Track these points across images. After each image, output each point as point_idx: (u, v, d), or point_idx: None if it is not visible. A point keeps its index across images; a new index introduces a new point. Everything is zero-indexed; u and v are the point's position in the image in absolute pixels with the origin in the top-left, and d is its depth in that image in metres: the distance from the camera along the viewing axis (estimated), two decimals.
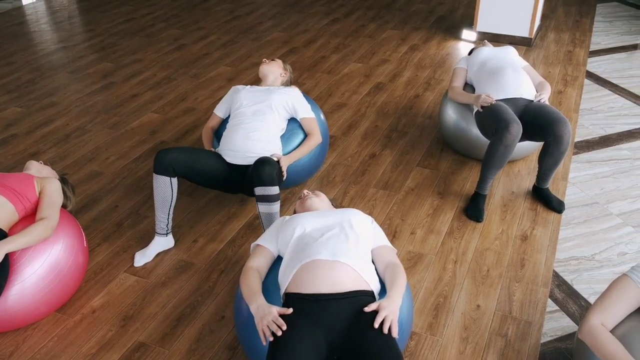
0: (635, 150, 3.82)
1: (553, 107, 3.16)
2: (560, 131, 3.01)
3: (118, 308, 2.65)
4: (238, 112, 3.16)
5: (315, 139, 3.20)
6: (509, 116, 3.04)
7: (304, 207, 2.43)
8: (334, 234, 2.12)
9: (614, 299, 1.94)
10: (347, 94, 4.64)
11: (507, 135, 2.99)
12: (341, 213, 2.25)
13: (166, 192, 2.82)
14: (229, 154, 3.02)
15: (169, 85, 4.83)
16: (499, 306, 2.65)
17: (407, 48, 5.55)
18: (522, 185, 3.48)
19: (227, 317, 2.60)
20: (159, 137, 4.04)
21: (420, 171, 3.63)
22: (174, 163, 2.79)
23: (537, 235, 3.08)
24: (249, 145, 3.00)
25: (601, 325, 1.91)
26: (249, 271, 2.14)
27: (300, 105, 3.22)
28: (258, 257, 2.21)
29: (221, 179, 2.97)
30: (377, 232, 2.27)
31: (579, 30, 5.99)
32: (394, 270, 2.09)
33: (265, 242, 2.26)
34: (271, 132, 3.08)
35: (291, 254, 2.11)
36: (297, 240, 2.15)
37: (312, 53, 5.46)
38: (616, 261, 2.90)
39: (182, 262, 2.92)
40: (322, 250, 2.04)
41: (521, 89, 3.29)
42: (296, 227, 2.19)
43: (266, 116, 3.09)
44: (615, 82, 4.81)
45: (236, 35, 5.95)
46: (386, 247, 2.22)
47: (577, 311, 2.62)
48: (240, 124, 3.07)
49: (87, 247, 2.69)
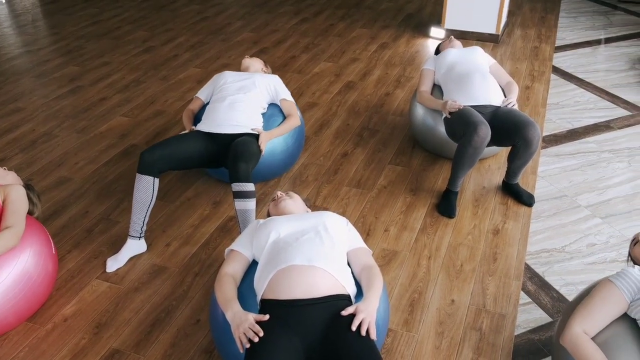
0: (602, 143, 3.89)
1: (521, 112, 3.19)
2: (529, 135, 3.04)
3: (91, 315, 2.61)
4: (222, 87, 3.27)
5: (294, 120, 3.30)
6: (477, 119, 3.06)
7: (277, 209, 2.40)
8: (309, 238, 2.10)
9: (597, 306, 1.88)
10: (318, 94, 4.64)
11: (475, 137, 3.01)
12: (316, 216, 2.22)
13: (147, 192, 2.83)
14: (212, 124, 3.10)
15: (137, 88, 4.77)
16: (473, 300, 2.68)
17: (377, 46, 5.57)
18: (492, 180, 3.52)
19: (203, 320, 2.58)
20: (129, 141, 3.99)
21: (393, 169, 3.65)
22: (159, 162, 2.84)
23: (509, 229, 3.12)
24: (232, 115, 3.10)
25: (583, 334, 1.87)
26: (223, 278, 2.11)
27: (281, 88, 3.36)
28: (232, 262, 2.18)
29: (205, 156, 3.03)
30: (352, 233, 2.26)
31: (545, 26, 6.08)
32: (370, 273, 2.08)
33: (239, 247, 2.22)
34: (254, 106, 3.20)
35: (266, 260, 2.08)
36: (272, 246, 2.12)
37: (282, 53, 5.45)
38: (586, 252, 2.95)
39: (155, 266, 2.89)
40: (297, 255, 2.02)
41: (489, 95, 3.31)
42: (271, 232, 2.16)
43: (250, 92, 3.22)
44: (580, 76, 4.90)
45: (205, 36, 5.91)
46: (362, 249, 2.21)
47: (549, 303, 2.66)
48: (225, 97, 3.19)
49: (56, 255, 2.64)
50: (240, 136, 3.07)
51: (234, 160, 2.83)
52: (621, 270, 1.93)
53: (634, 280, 1.87)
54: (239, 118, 3.10)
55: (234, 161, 2.83)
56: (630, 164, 3.66)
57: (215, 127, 3.08)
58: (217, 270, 2.86)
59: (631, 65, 5.09)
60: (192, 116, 3.36)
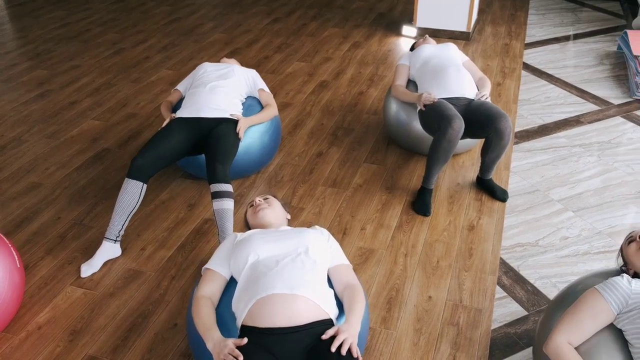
0: (572, 138, 3.96)
1: (493, 104, 3.23)
2: (501, 126, 3.08)
3: (65, 322, 2.57)
4: (202, 76, 3.35)
5: (272, 109, 3.38)
6: (451, 112, 3.09)
7: (256, 219, 2.32)
8: (289, 262, 2.01)
9: (583, 317, 1.83)
10: (292, 94, 4.63)
11: (450, 130, 3.04)
12: (296, 236, 2.13)
13: (134, 197, 2.85)
14: (193, 107, 3.15)
15: (108, 91, 4.71)
16: (449, 296, 2.70)
17: (350, 45, 5.59)
18: (467, 176, 3.56)
19: (180, 324, 2.56)
20: (101, 145, 3.94)
21: (368, 167, 3.66)
22: (150, 168, 2.88)
23: (483, 225, 3.15)
24: (213, 98, 3.17)
25: (567, 345, 1.84)
26: (200, 301, 2.02)
27: (259, 80, 3.45)
28: (209, 283, 2.09)
29: (189, 146, 3.08)
30: (334, 249, 2.19)
31: (515, 23, 6.16)
32: (352, 293, 2.03)
33: (215, 266, 2.14)
34: (233, 92, 3.28)
35: (245, 284, 2.00)
36: (251, 268, 2.04)
37: (254, 53, 5.43)
38: (559, 245, 3.00)
39: (130, 271, 2.86)
40: (278, 282, 1.93)
41: (463, 88, 3.36)
42: (249, 254, 2.07)
43: (230, 79, 3.31)
44: (550, 72, 4.98)
45: (176, 37, 5.86)
46: (343, 266, 2.15)
47: (525, 296, 2.70)
48: (205, 83, 3.27)
49: (22, 267, 2.54)
50: (220, 122, 3.10)
51: (212, 160, 2.89)
52: (609, 279, 1.87)
53: (622, 292, 1.82)
54: (219, 102, 3.16)
55: (212, 162, 2.88)
56: (600, 158, 3.72)
57: (195, 111, 3.14)
58: (194, 274, 2.83)
59: (599, 61, 5.18)
60: (171, 107, 3.39)
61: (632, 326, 1.77)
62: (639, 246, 1.96)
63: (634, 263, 1.97)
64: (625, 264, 2.05)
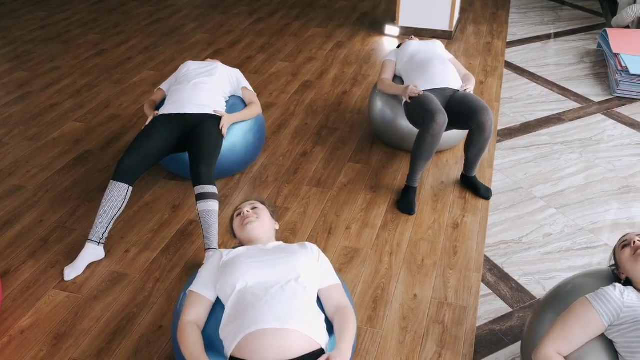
0: (554, 135, 3.99)
1: (476, 96, 3.27)
2: (482, 118, 3.11)
3: (49, 326, 2.54)
4: (185, 73, 3.35)
5: (256, 107, 3.38)
6: (435, 107, 3.12)
7: (243, 232, 2.22)
8: (279, 290, 1.91)
9: (574, 329, 1.81)
10: (276, 94, 4.63)
11: (434, 125, 3.07)
12: (287, 262, 2.02)
13: (119, 200, 2.83)
14: (176, 104, 3.14)
15: (90, 93, 4.67)
16: (435, 294, 2.71)
17: (333, 45, 5.59)
18: (450, 174, 3.58)
19: (165, 326, 2.54)
20: (83, 147, 3.90)
21: (352, 166, 3.66)
22: (137, 169, 2.87)
23: (468, 223, 3.17)
24: (196, 94, 3.16)
25: (557, 355, 1.82)
26: (187, 329, 1.94)
27: (242, 78, 3.46)
28: (195, 307, 2.00)
29: (173, 144, 3.07)
30: (324, 268, 2.10)
31: (496, 22, 6.20)
32: (343, 317, 1.96)
33: (201, 289, 2.03)
34: (217, 88, 3.28)
35: (234, 312, 1.90)
36: (239, 296, 1.93)
37: (237, 54, 5.41)
38: (542, 242, 3.02)
39: (114, 273, 2.84)
40: (268, 315, 1.83)
41: (448, 80, 3.40)
42: (237, 281, 1.95)
43: (213, 75, 3.30)
44: (532, 70, 5.02)
45: (158, 38, 5.82)
46: (334, 287, 2.07)
47: (509, 293, 2.72)
48: (189, 80, 3.27)
49: None
50: (204, 119, 3.10)
51: (196, 162, 2.88)
52: (601, 290, 1.84)
53: (614, 304, 1.79)
54: (203, 98, 3.16)
55: (196, 163, 2.88)
56: (581, 155, 3.76)
57: (179, 107, 3.13)
58: (179, 275, 2.82)
59: (580, 59, 5.23)
60: (154, 106, 3.38)
61: (623, 339, 1.75)
62: (633, 252, 1.91)
63: (627, 269, 1.93)
64: (617, 267, 2.01)
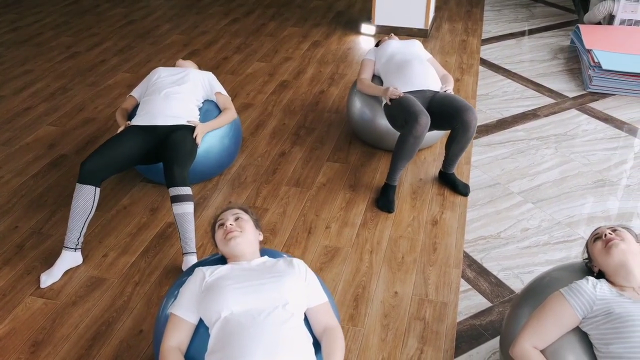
0: (530, 131, 4.04)
1: (458, 96, 3.28)
2: (467, 118, 3.13)
3: (26, 334, 2.50)
4: (156, 82, 3.24)
5: (231, 113, 3.31)
6: (417, 108, 3.13)
7: (227, 247, 2.10)
8: (267, 318, 1.83)
9: (548, 322, 1.84)
10: (253, 94, 4.61)
11: (417, 126, 3.07)
12: (274, 287, 1.92)
13: (87, 202, 2.77)
14: (147, 115, 3.06)
15: (64, 96, 4.61)
16: (415, 291, 2.72)
17: (309, 45, 5.59)
18: (429, 172, 3.59)
19: (146, 330, 2.52)
20: (58, 151, 3.85)
21: (331, 166, 3.67)
22: (102, 171, 2.80)
23: (446, 219, 3.19)
24: (168, 106, 3.08)
25: (533, 349, 1.85)
26: (169, 354, 1.87)
27: (215, 83, 3.36)
28: (176, 332, 1.92)
29: (144, 153, 3.00)
30: (311, 287, 2.02)
31: (471, 19, 6.26)
32: (331, 339, 1.91)
33: (182, 313, 1.94)
34: (189, 98, 3.19)
35: (220, 340, 1.82)
36: (224, 324, 1.84)
37: (213, 54, 5.38)
38: (520, 237, 3.06)
39: (93, 278, 2.80)
40: (256, 348, 1.74)
41: (427, 81, 3.40)
42: (222, 309, 1.86)
43: (185, 84, 3.21)
44: (507, 67, 5.07)
45: (133, 40, 5.76)
46: (322, 306, 2.00)
47: (488, 288, 2.74)
48: (159, 90, 3.17)
49: None
50: (177, 129, 3.04)
51: (169, 164, 2.82)
52: (574, 283, 1.88)
53: (587, 297, 1.83)
54: (175, 109, 3.09)
55: (169, 165, 2.81)
56: (557, 150, 3.81)
57: (151, 119, 3.05)
58: (158, 279, 2.79)
59: (553, 55, 5.30)
60: (126, 114, 3.30)
61: (597, 332, 1.78)
62: (604, 245, 1.94)
63: (599, 262, 1.96)
64: (590, 260, 2.05)
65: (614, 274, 1.91)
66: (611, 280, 1.93)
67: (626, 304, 1.78)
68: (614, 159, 3.72)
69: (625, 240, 1.93)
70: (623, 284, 1.89)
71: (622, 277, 1.89)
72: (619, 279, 1.89)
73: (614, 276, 1.91)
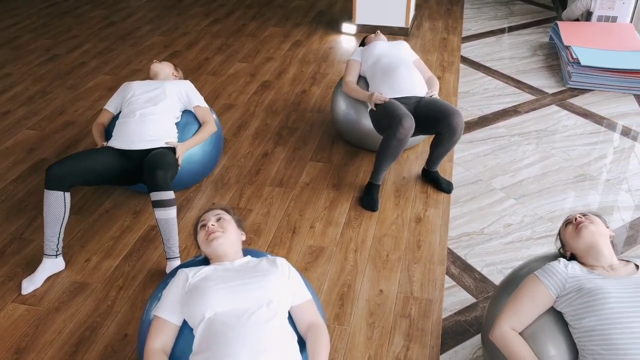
0: (511, 128, 4.07)
1: (444, 100, 3.29)
2: (454, 122, 3.14)
3: (9, 341, 2.47)
4: (131, 100, 3.10)
5: (210, 126, 3.20)
6: (402, 111, 3.13)
7: (209, 248, 2.10)
8: (251, 318, 1.83)
9: (524, 303, 1.92)
10: (235, 95, 4.60)
11: (401, 129, 3.07)
12: (257, 287, 1.92)
13: (59, 208, 2.70)
14: (124, 140, 2.95)
15: (44, 99, 4.56)
16: (400, 288, 2.73)
17: (291, 44, 5.58)
18: (412, 170, 3.61)
19: (130, 334, 2.50)
20: (38, 155, 3.81)
21: (314, 165, 3.67)
22: (68, 176, 2.69)
23: (430, 217, 3.21)
24: (144, 129, 2.95)
25: (511, 331, 1.91)
26: (153, 357, 1.86)
27: (193, 94, 3.23)
28: (161, 334, 1.91)
29: (119, 173, 2.90)
30: (295, 285, 2.03)
31: (451, 17, 6.29)
32: (316, 336, 1.92)
33: (166, 315, 1.94)
34: (166, 117, 3.06)
35: (204, 341, 1.82)
36: (208, 324, 1.84)
37: (195, 55, 5.36)
38: (503, 232, 3.08)
39: (75, 283, 2.77)
40: (241, 348, 1.74)
41: (414, 87, 3.39)
42: (205, 310, 1.86)
43: (161, 102, 3.07)
44: (487, 65, 5.11)
45: (113, 42, 5.71)
46: (306, 304, 2.01)
47: (473, 284, 2.76)
48: (134, 111, 3.03)
49: None
50: (155, 149, 2.95)
51: (151, 169, 2.72)
52: (547, 265, 1.96)
53: (559, 276, 1.91)
54: (152, 132, 2.96)
55: (151, 170, 2.72)
56: (538, 146, 3.84)
57: (127, 143, 2.94)
58: (142, 282, 2.77)
59: (533, 52, 5.35)
60: (103, 130, 3.19)
61: (570, 308, 1.85)
62: (574, 227, 2.05)
63: (571, 244, 2.05)
64: (563, 246, 2.13)
65: (585, 254, 2.00)
66: (583, 262, 2.01)
67: (596, 280, 1.86)
68: (594, 153, 3.76)
69: (594, 223, 2.03)
70: (594, 264, 1.97)
71: (593, 258, 1.97)
72: (590, 260, 1.98)
73: (585, 257, 2.00)
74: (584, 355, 1.78)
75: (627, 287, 1.81)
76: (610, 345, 1.71)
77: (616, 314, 1.74)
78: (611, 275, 1.90)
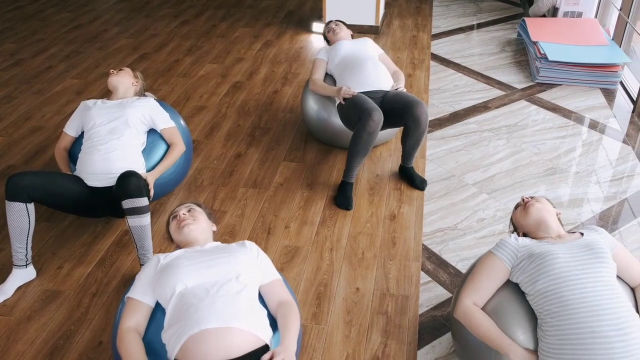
0: (482, 123, 4.12)
1: (408, 93, 3.32)
2: (417, 112, 3.17)
3: None
4: (92, 132, 2.93)
5: (178, 148, 3.08)
6: (370, 105, 3.15)
7: (180, 235, 2.19)
8: (220, 290, 1.90)
9: (483, 278, 2.03)
10: (206, 96, 4.56)
11: (370, 123, 3.09)
12: (226, 261, 2.00)
13: (22, 219, 2.61)
14: (89, 177, 2.82)
15: (9, 105, 4.47)
16: (377, 286, 2.74)
17: (261, 45, 5.56)
18: (385, 167, 3.63)
19: (105, 341, 2.46)
20: (5, 162, 3.73)
21: (287, 165, 3.66)
22: (29, 188, 2.59)
23: (404, 213, 3.23)
24: (109, 166, 2.82)
25: (473, 306, 2.01)
26: (127, 336, 1.89)
27: (157, 115, 3.07)
28: (134, 314, 1.96)
29: (83, 202, 2.77)
30: (264, 264, 2.10)
31: (421, 15, 6.33)
32: (286, 312, 1.97)
33: (139, 295, 1.99)
34: (131, 149, 2.91)
35: (175, 315, 1.87)
36: (179, 298, 1.90)
37: (164, 57, 5.30)
38: (476, 227, 3.11)
39: (47, 291, 2.72)
40: (211, 316, 1.81)
41: (380, 81, 3.44)
42: (176, 284, 1.92)
43: (123, 134, 2.91)
44: (457, 61, 5.15)
45: (80, 45, 5.63)
46: (275, 282, 2.07)
47: (448, 279, 2.78)
48: (96, 146, 2.87)
49: None
50: None
51: (125, 176, 2.62)
52: (500, 240, 2.09)
53: (511, 248, 2.04)
54: (117, 167, 2.83)
55: (125, 177, 2.62)
56: (508, 141, 3.89)
57: (92, 180, 2.83)
58: (116, 288, 2.74)
59: (501, 48, 5.41)
60: (66, 157, 3.07)
61: (524, 275, 1.97)
62: (522, 207, 2.24)
63: (521, 223, 2.24)
64: (516, 229, 2.31)
65: (536, 230, 2.17)
66: (533, 237, 2.17)
67: (545, 245, 2.01)
68: (563, 147, 3.82)
69: (540, 202, 2.23)
70: (543, 236, 2.13)
71: (543, 231, 2.14)
72: (540, 233, 2.15)
73: (535, 232, 2.17)
74: (542, 317, 1.88)
75: (573, 249, 1.96)
76: (563, 302, 1.83)
77: (565, 272, 1.87)
78: (559, 242, 2.04)
